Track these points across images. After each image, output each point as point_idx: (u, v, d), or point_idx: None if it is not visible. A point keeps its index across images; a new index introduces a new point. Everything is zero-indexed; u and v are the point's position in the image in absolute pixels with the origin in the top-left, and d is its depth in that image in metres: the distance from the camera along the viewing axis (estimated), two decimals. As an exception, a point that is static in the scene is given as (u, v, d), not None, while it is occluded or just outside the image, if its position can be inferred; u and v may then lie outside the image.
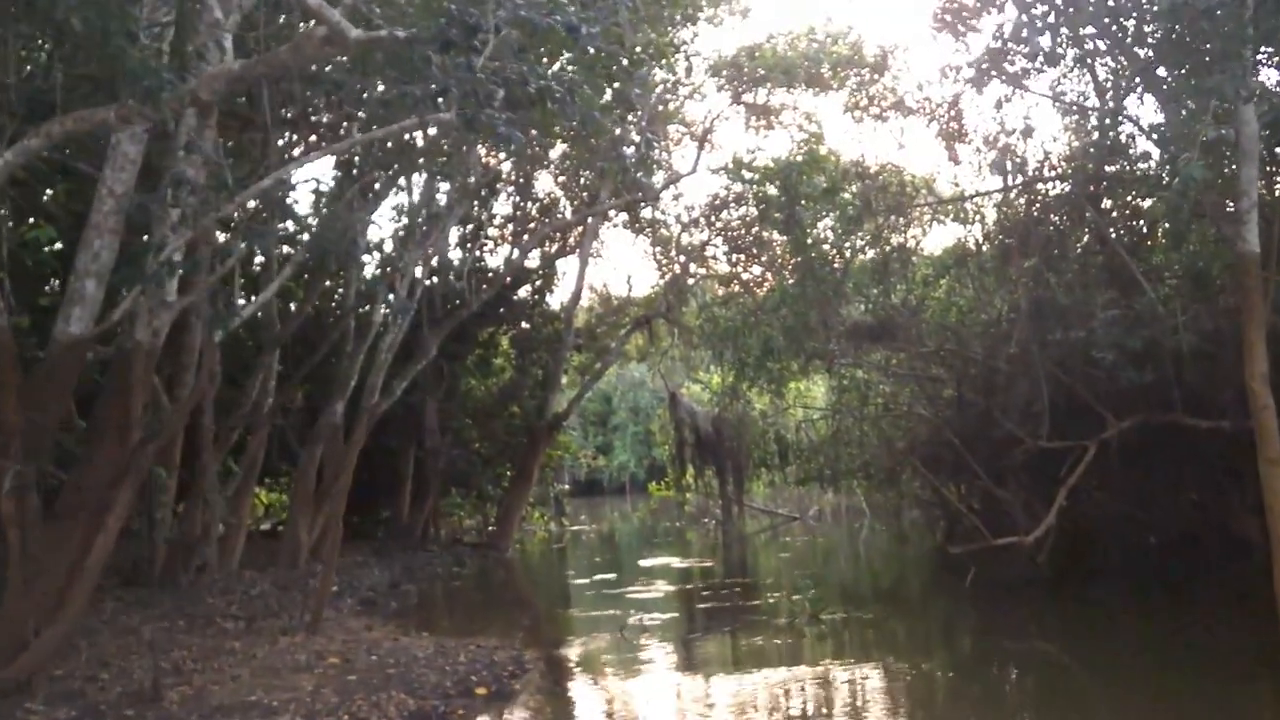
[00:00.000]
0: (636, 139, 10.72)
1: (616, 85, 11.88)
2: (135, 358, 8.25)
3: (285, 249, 19.34)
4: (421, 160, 11.34)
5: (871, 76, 17.45)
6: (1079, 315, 12.69)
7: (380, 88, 8.29)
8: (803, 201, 14.74)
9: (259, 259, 16.63)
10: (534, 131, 12.11)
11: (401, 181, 22.56)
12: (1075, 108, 13.15)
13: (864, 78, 17.55)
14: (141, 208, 7.42)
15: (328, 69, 8.42)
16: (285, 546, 19.00)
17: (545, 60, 11.57)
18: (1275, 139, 8.79)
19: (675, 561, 23.53)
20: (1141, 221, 13.72)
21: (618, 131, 11.70)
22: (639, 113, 11.81)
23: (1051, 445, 12.99)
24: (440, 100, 5.93)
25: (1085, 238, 14.51)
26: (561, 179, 27.06)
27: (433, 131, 10.80)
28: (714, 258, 26.53)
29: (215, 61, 7.69)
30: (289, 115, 9.97)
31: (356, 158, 11.61)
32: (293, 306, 19.53)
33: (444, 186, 22.71)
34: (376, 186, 13.20)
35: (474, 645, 11.15)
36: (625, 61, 10.03)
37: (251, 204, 10.17)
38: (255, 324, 20.70)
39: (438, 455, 22.38)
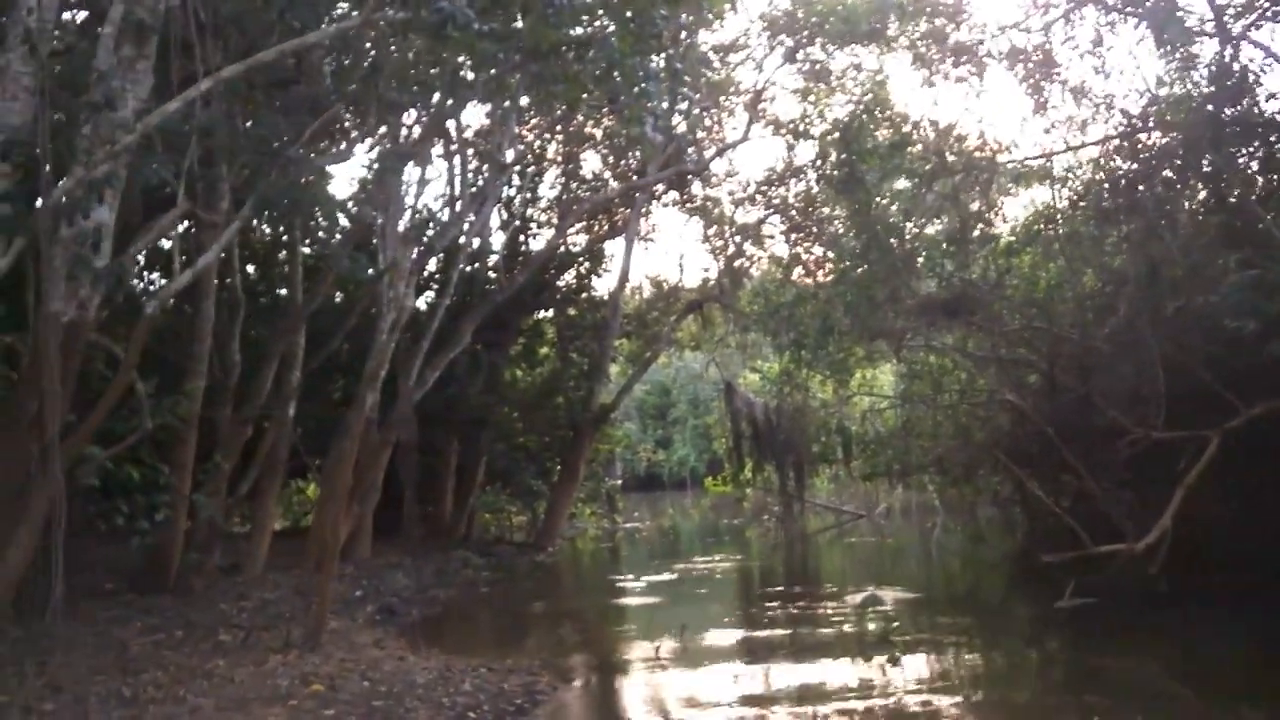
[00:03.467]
0: (661, 68, 8.96)
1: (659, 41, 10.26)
2: (48, 334, 6.81)
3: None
4: (392, 91, 9.65)
5: (943, 23, 15.53)
6: (1200, 281, 10.75)
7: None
8: (866, 159, 12.91)
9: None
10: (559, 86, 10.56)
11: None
12: (1188, 38, 11.16)
13: (935, 25, 15.63)
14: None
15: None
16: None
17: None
18: None
19: (731, 563, 21.90)
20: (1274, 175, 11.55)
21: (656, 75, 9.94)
22: (675, 57, 10.12)
23: (1166, 436, 11.02)
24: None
25: (1198, 194, 12.55)
26: (609, 158, 25.59)
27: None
28: (770, 237, 24.84)
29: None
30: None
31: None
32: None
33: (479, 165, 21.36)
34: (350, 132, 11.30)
35: (485, 668, 9.64)
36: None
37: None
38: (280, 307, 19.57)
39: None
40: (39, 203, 6.20)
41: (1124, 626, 11.40)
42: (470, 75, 11.04)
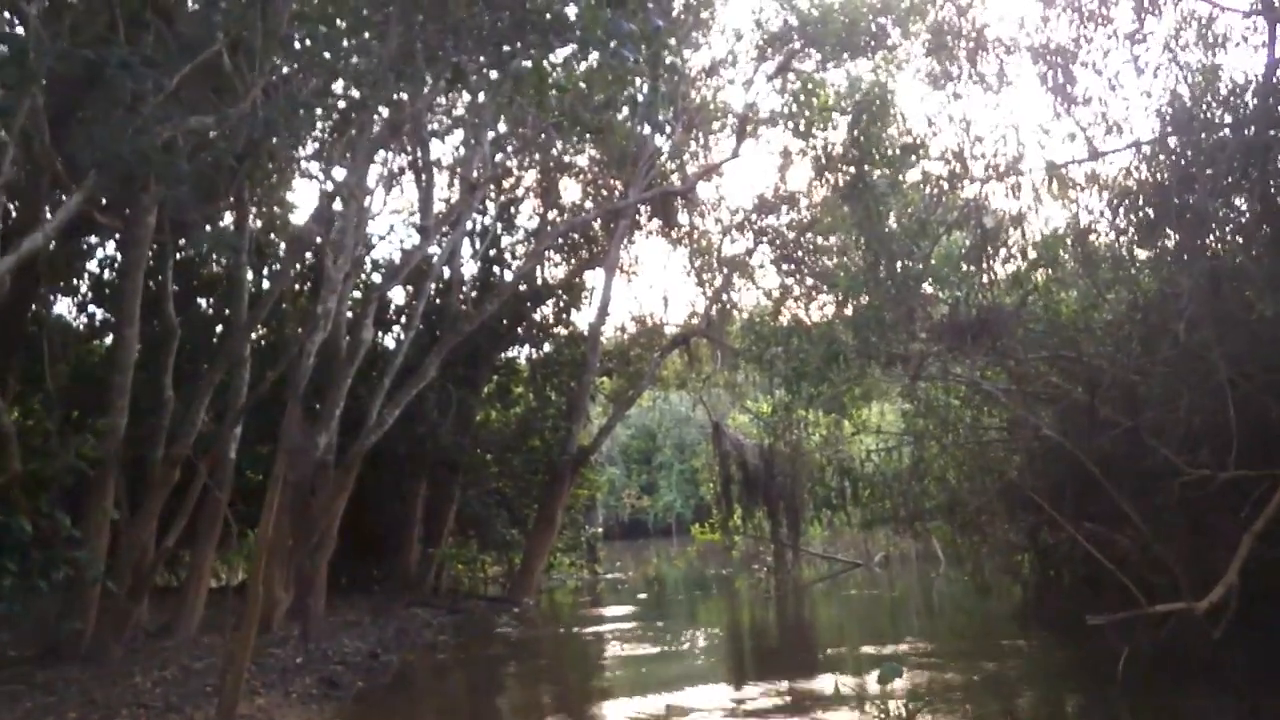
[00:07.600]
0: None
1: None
2: None
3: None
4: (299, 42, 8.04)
5: (953, 17, 14.15)
6: (1262, 299, 9.28)
7: None
8: (875, 164, 11.44)
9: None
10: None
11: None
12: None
13: (944, 22, 14.26)
14: None
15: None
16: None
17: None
18: None
19: (721, 616, 20.19)
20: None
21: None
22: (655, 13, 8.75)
23: (1232, 475, 9.45)
24: None
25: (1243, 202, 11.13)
26: (588, 186, 24.23)
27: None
28: (761, 266, 23.38)
29: None
30: None
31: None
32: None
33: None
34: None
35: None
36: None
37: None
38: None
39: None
40: None
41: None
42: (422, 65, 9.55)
